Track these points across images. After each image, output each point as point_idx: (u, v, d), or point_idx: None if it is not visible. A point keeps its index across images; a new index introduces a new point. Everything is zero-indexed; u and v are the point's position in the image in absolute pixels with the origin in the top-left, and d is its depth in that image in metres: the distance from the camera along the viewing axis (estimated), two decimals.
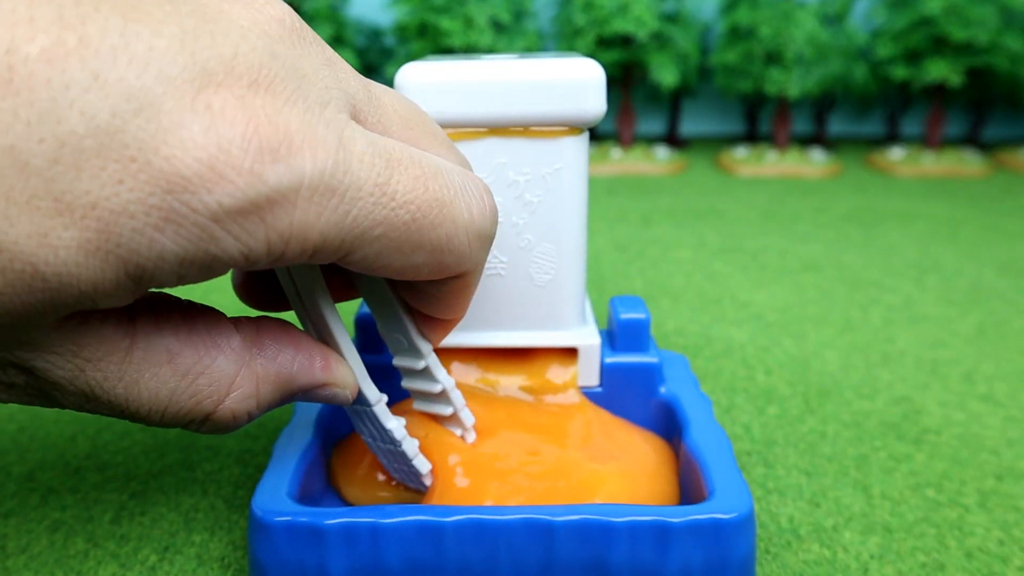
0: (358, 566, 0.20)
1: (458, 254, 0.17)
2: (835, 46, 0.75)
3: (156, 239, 0.13)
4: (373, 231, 0.15)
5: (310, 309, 0.19)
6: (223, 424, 0.17)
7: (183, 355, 0.16)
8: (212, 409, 0.16)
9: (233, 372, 0.17)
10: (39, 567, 0.23)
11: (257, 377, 0.17)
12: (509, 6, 0.77)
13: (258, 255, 0.14)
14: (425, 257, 0.16)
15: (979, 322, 0.39)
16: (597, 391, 0.26)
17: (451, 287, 0.19)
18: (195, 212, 0.13)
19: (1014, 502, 0.25)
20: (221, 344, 0.17)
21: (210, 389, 0.16)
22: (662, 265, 0.48)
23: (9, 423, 0.30)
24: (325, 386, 0.18)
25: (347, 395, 0.19)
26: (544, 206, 0.24)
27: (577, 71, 0.22)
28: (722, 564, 0.20)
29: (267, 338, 0.18)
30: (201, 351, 0.16)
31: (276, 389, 0.17)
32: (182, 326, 0.16)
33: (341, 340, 0.19)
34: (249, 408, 0.17)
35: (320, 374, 0.18)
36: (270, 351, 0.17)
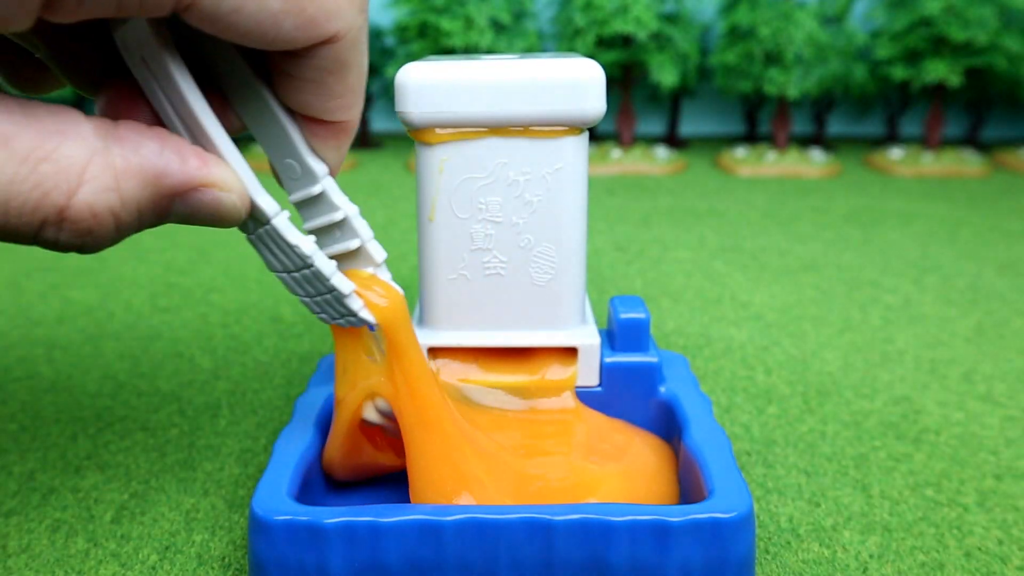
0: (358, 565, 0.20)
1: (322, 2, 0.15)
2: (835, 46, 0.75)
3: None
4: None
5: (178, 108, 0.17)
6: (83, 224, 0.15)
7: (19, 138, 0.14)
8: (64, 203, 0.14)
9: (83, 159, 0.14)
10: (40, 567, 0.23)
11: (115, 169, 0.15)
12: (509, 6, 0.77)
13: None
14: (282, 2, 0.15)
15: (978, 322, 0.39)
16: (597, 391, 0.26)
17: (325, 61, 0.17)
18: None
19: (1013, 501, 0.25)
20: (66, 130, 0.14)
21: (57, 178, 0.14)
22: (662, 265, 0.48)
23: (10, 423, 0.30)
24: (204, 187, 0.16)
25: (235, 201, 0.17)
26: (544, 206, 0.24)
27: (577, 71, 0.23)
28: (722, 563, 0.20)
29: (126, 130, 0.15)
30: (43, 135, 0.14)
31: (142, 185, 0.15)
32: (18, 110, 0.14)
33: (221, 142, 0.17)
34: (110, 203, 0.15)
35: (196, 171, 0.16)
36: (130, 142, 0.15)
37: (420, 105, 0.23)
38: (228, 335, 0.38)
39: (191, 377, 0.34)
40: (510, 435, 0.24)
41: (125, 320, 0.40)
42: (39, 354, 0.36)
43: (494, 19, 0.76)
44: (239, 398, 0.32)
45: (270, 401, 0.32)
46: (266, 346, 0.37)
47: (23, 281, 0.46)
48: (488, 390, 0.26)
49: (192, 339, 0.37)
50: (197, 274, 0.47)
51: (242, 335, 0.38)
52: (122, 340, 0.37)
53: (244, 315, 0.40)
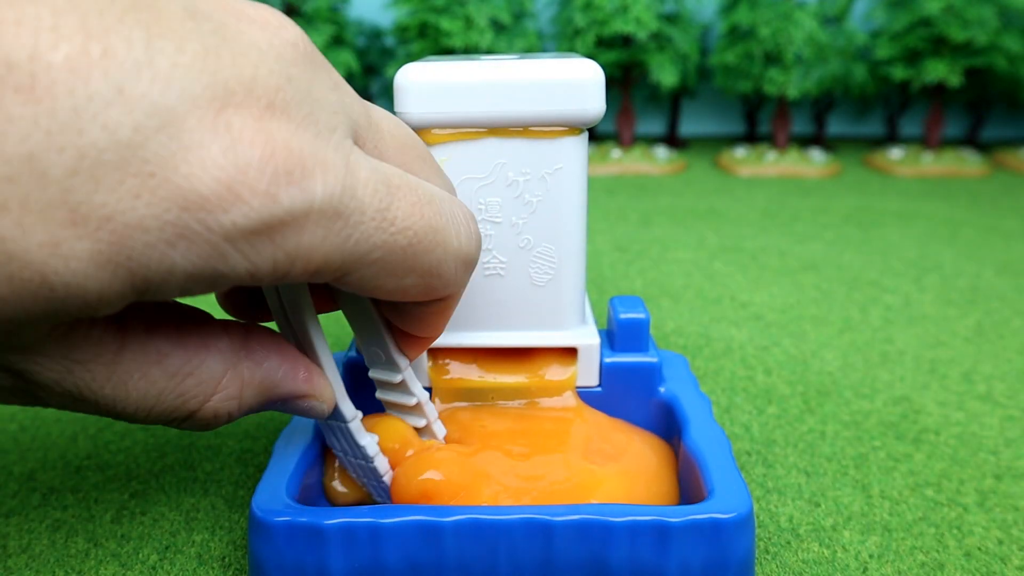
0: (358, 566, 0.20)
1: (446, 279, 0.17)
2: (834, 46, 0.75)
3: (167, 254, 0.13)
4: (372, 254, 0.15)
5: (294, 322, 0.19)
6: (203, 422, 0.17)
7: (173, 356, 0.16)
8: (197, 408, 0.17)
9: (221, 373, 0.17)
10: (40, 567, 0.23)
11: (243, 380, 0.17)
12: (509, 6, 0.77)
13: (263, 274, 0.14)
14: (415, 280, 0.17)
15: (978, 322, 0.39)
16: (596, 391, 0.26)
17: (433, 308, 0.19)
18: (209, 231, 0.13)
19: (1013, 501, 0.25)
20: (210, 346, 0.17)
21: (197, 390, 0.16)
22: (662, 265, 0.48)
23: (10, 423, 0.30)
24: (305, 397, 0.19)
25: (324, 408, 0.19)
26: (544, 206, 0.24)
27: (577, 71, 0.23)
28: (722, 564, 0.20)
29: (255, 344, 0.18)
30: (191, 352, 0.16)
31: (259, 394, 0.18)
32: (172, 328, 0.16)
33: (323, 355, 0.19)
34: (230, 409, 0.17)
35: (303, 385, 0.19)
36: (257, 356, 0.18)
37: (419, 105, 0.23)
38: None
39: None
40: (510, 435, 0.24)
41: None
42: None
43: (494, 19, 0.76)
44: None
45: None
46: None
47: None
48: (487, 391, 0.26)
49: None
50: None
51: None
52: None
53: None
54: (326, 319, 0.38)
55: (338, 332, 0.38)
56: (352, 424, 0.21)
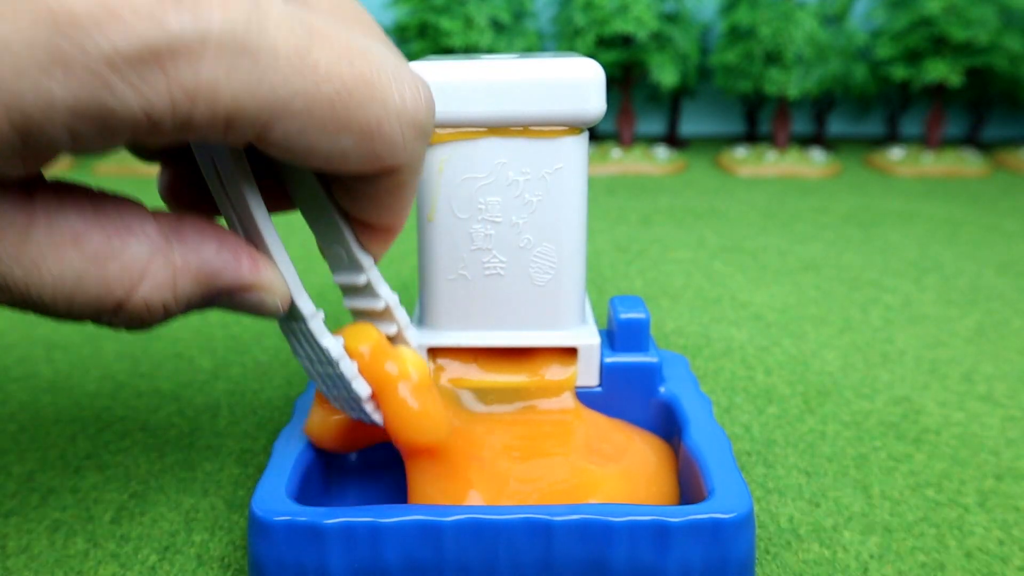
0: (358, 566, 0.20)
1: (389, 142, 0.16)
2: (835, 46, 0.75)
3: (43, 83, 0.12)
4: (293, 103, 0.14)
5: (237, 206, 0.17)
6: (136, 315, 0.15)
7: (90, 236, 0.15)
8: (123, 297, 0.15)
9: (146, 257, 0.15)
10: (39, 567, 0.23)
11: (175, 268, 0.16)
12: (509, 6, 0.77)
13: (160, 113, 0.13)
14: (353, 141, 0.15)
15: (979, 322, 0.39)
16: (597, 391, 0.26)
17: (386, 184, 0.18)
18: (87, 54, 0.12)
19: (1014, 502, 0.25)
20: (134, 228, 0.15)
21: (122, 275, 0.15)
22: (662, 265, 0.48)
23: (9, 423, 0.30)
24: (252, 288, 0.17)
25: (276, 303, 0.18)
26: (544, 206, 0.24)
27: (577, 71, 0.23)
28: (722, 564, 0.20)
29: (189, 229, 0.16)
30: (111, 233, 0.15)
31: (196, 284, 0.16)
32: (88, 207, 0.15)
33: (272, 243, 0.18)
34: (164, 300, 0.16)
35: (247, 274, 0.17)
36: (191, 242, 0.16)
37: None
38: (228, 335, 0.38)
39: (191, 377, 0.34)
40: (509, 436, 0.24)
41: None
42: (39, 354, 0.36)
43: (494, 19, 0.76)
44: (239, 398, 0.32)
45: (270, 401, 0.32)
46: (266, 346, 0.37)
47: None
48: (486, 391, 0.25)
49: (192, 339, 0.37)
50: None
51: (242, 335, 0.38)
52: (122, 340, 0.37)
53: (244, 315, 0.40)
54: None
55: None
56: (312, 323, 0.19)
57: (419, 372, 0.21)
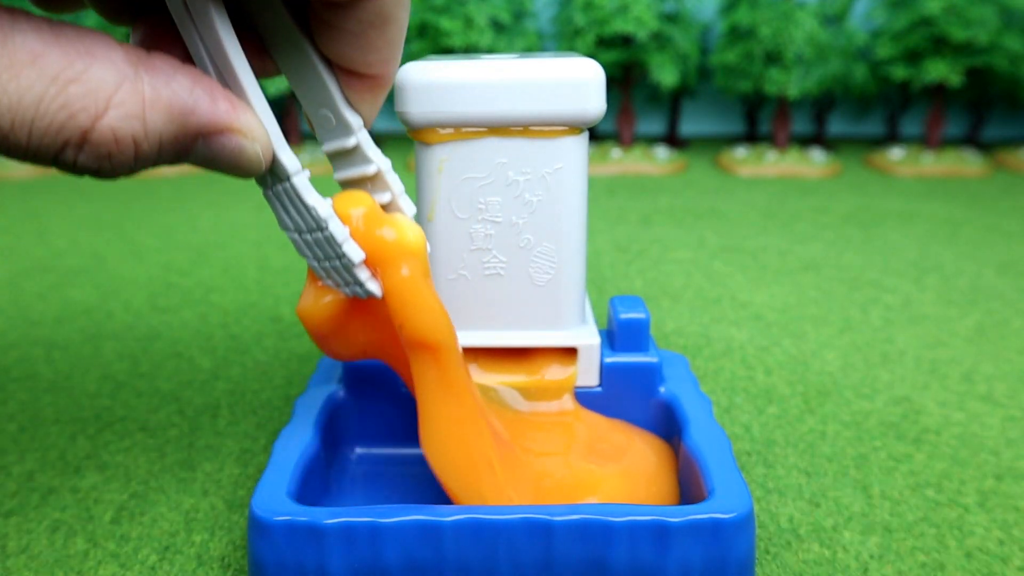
0: (357, 566, 0.20)
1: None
2: (835, 46, 0.75)
3: None
4: None
5: (214, 54, 0.16)
6: (103, 149, 0.14)
7: (48, 56, 0.14)
8: (88, 125, 0.14)
9: (113, 83, 0.14)
10: (39, 567, 0.23)
11: (143, 98, 0.15)
12: (509, 6, 0.77)
13: None
14: None
15: (979, 322, 0.39)
16: (597, 391, 0.26)
17: (368, 14, 0.17)
18: None
19: (1014, 502, 0.25)
20: (97, 53, 0.14)
21: (84, 100, 0.14)
22: (662, 265, 0.48)
23: (9, 423, 0.30)
24: (230, 132, 0.16)
25: (257, 151, 0.16)
26: (544, 206, 0.24)
27: (577, 71, 0.23)
28: (722, 564, 0.20)
29: (159, 61, 0.15)
30: (72, 56, 0.14)
31: (168, 119, 0.15)
32: (47, 29, 0.14)
33: (252, 93, 0.16)
34: (134, 131, 0.15)
35: (224, 114, 0.16)
36: (162, 75, 0.15)
37: (419, 105, 0.23)
38: (228, 335, 0.38)
39: (191, 377, 0.34)
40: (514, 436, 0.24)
41: (124, 320, 0.40)
42: (38, 354, 0.36)
43: (494, 19, 0.76)
44: (239, 398, 0.32)
45: (270, 401, 0.32)
46: (266, 346, 0.37)
47: (22, 281, 0.46)
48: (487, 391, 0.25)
49: (192, 339, 0.37)
50: (196, 274, 0.47)
51: (242, 335, 0.38)
52: (121, 340, 0.37)
53: (244, 315, 0.40)
54: None
55: None
56: (296, 179, 0.18)
57: (416, 238, 0.20)
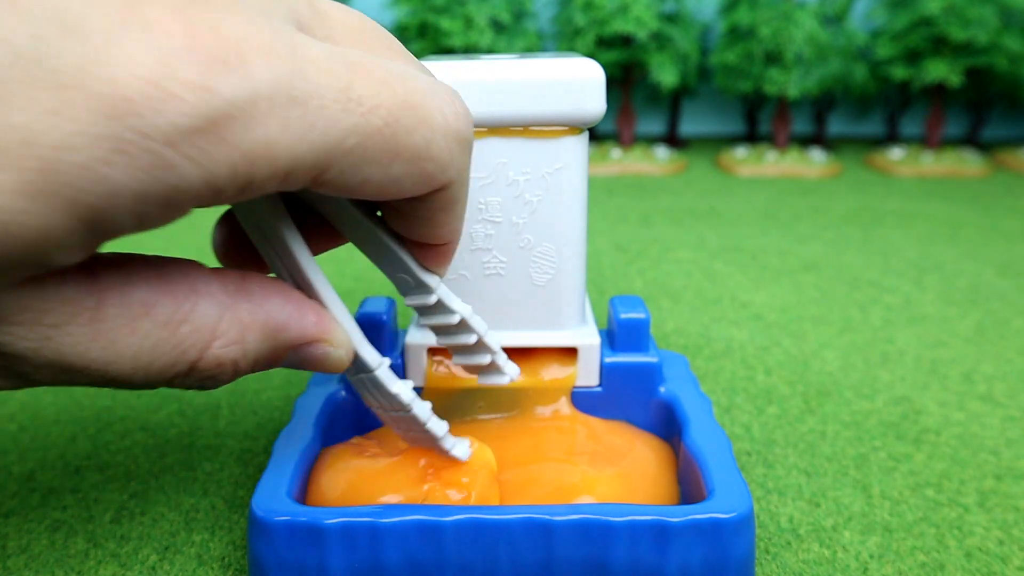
0: (358, 566, 0.20)
1: (439, 160, 0.16)
2: (835, 46, 0.75)
3: (106, 174, 0.12)
4: (345, 142, 0.14)
5: (284, 259, 0.17)
6: (208, 373, 0.16)
7: (160, 304, 0.15)
8: (196, 357, 0.15)
9: (216, 317, 0.15)
10: (39, 567, 0.23)
11: (242, 324, 0.16)
12: (509, 6, 0.77)
13: (223, 181, 0.13)
14: (405, 167, 0.15)
15: (979, 322, 0.39)
16: (597, 391, 0.26)
17: (438, 202, 0.17)
18: (146, 137, 0.12)
19: (1014, 502, 0.25)
20: (200, 289, 0.15)
21: (194, 337, 0.15)
22: (662, 265, 0.48)
23: (9, 423, 0.30)
24: (318, 342, 0.17)
25: (342, 355, 0.18)
26: (544, 206, 0.24)
27: (577, 71, 0.23)
28: (722, 564, 0.20)
29: (253, 285, 0.16)
30: (180, 298, 0.15)
31: (264, 338, 0.16)
32: (153, 276, 0.15)
33: (326, 295, 0.18)
34: (235, 356, 0.16)
35: (312, 328, 0.17)
36: (256, 298, 0.16)
37: None
38: None
39: None
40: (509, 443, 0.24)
41: None
42: None
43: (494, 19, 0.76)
44: (239, 398, 0.32)
45: (270, 401, 0.32)
46: None
47: None
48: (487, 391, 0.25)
49: None
50: None
51: None
52: None
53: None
54: None
55: None
56: (379, 372, 0.19)
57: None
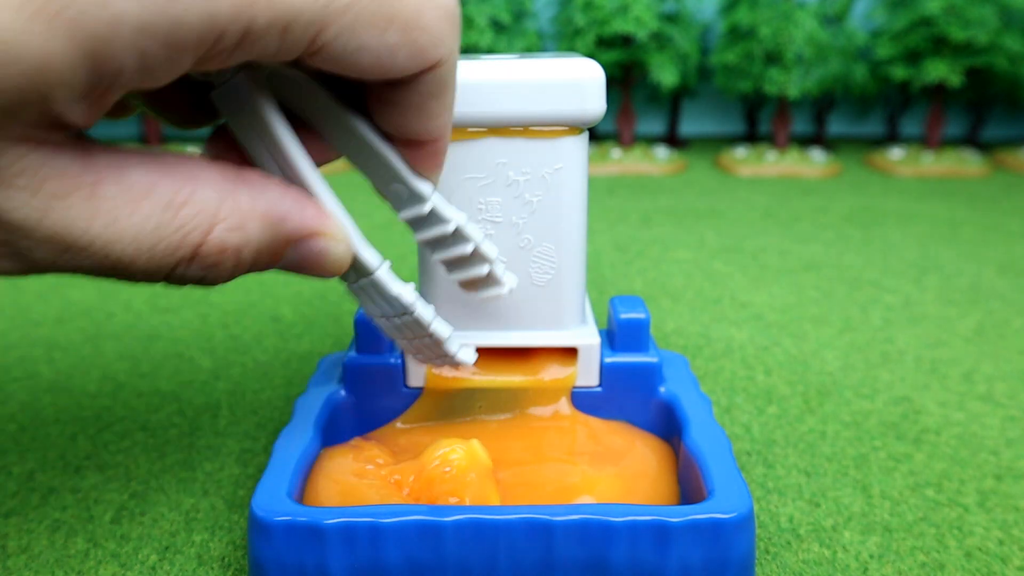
0: (358, 566, 0.20)
1: (430, 32, 0.16)
2: (835, 46, 0.75)
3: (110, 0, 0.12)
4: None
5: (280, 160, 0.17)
6: (211, 260, 0.16)
7: (161, 186, 0.15)
8: (200, 240, 0.15)
9: (217, 201, 0.15)
10: (39, 567, 0.23)
11: (243, 211, 0.16)
12: (509, 6, 0.77)
13: (223, 20, 0.13)
14: (399, 36, 0.15)
15: (979, 322, 0.39)
16: (597, 391, 0.26)
17: (428, 85, 0.17)
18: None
19: (1014, 502, 0.25)
20: (199, 175, 0.15)
21: (197, 219, 0.15)
22: (662, 265, 0.48)
23: (9, 423, 0.30)
24: (318, 235, 0.17)
25: (342, 252, 0.18)
26: (544, 206, 0.24)
27: (577, 71, 0.23)
28: (722, 564, 0.20)
29: (251, 175, 0.16)
30: (179, 181, 0.15)
31: (264, 227, 0.16)
32: (150, 160, 0.15)
33: (325, 195, 0.17)
34: (237, 243, 0.16)
35: (312, 219, 0.17)
36: (256, 186, 0.16)
37: None
38: (228, 335, 0.38)
39: (191, 377, 0.34)
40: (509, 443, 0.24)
41: (125, 320, 0.40)
42: (39, 354, 0.36)
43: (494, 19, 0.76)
44: (239, 398, 0.32)
45: (270, 401, 0.32)
46: (266, 346, 0.37)
47: (23, 281, 0.46)
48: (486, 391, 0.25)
49: (192, 339, 0.37)
50: None
51: (242, 335, 0.38)
52: (122, 340, 0.37)
53: (244, 315, 0.40)
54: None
55: (338, 334, 0.38)
56: (380, 273, 0.19)
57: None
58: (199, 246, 0.15)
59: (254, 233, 0.16)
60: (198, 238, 0.15)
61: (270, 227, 0.16)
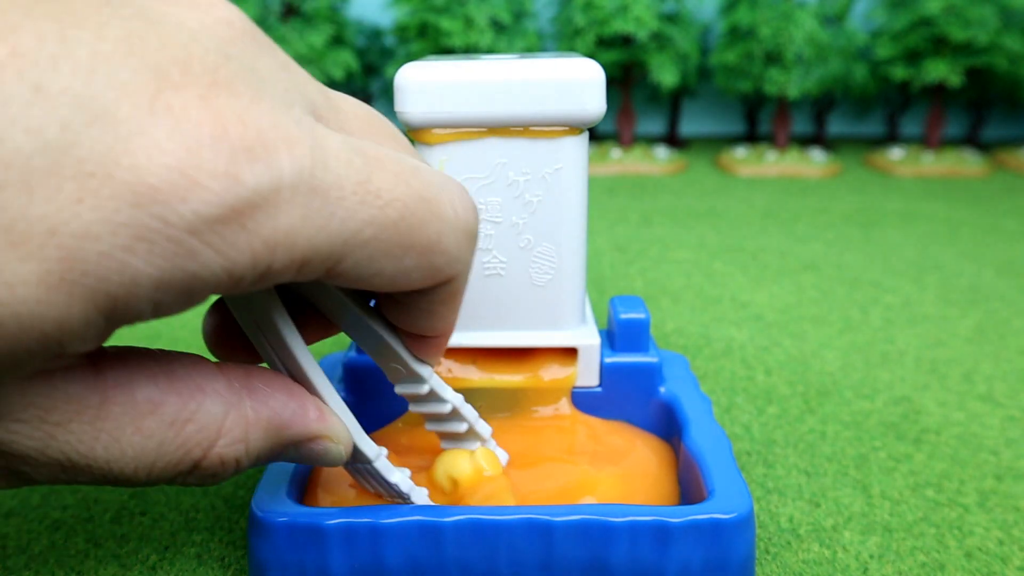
0: (358, 566, 0.20)
1: (448, 254, 0.16)
2: (835, 46, 0.75)
3: (127, 262, 0.12)
4: (362, 233, 0.14)
5: (278, 351, 0.17)
6: (210, 472, 0.16)
7: (166, 403, 0.15)
8: (201, 456, 0.15)
9: (222, 415, 0.15)
10: (39, 567, 0.23)
11: (247, 422, 0.16)
12: (509, 6, 0.77)
13: (242, 269, 0.13)
14: (416, 259, 0.15)
15: (979, 322, 0.39)
16: (597, 391, 0.26)
17: (441, 296, 0.18)
18: (169, 225, 0.12)
19: (1014, 502, 0.25)
20: (206, 388, 0.15)
21: (200, 436, 0.15)
22: (662, 265, 0.48)
23: None
24: (319, 439, 0.17)
25: (341, 451, 0.18)
26: (544, 206, 0.24)
27: (577, 71, 0.23)
28: (722, 564, 0.20)
29: (257, 382, 0.16)
30: (185, 396, 0.15)
31: (267, 436, 0.16)
32: (159, 372, 0.15)
33: (322, 387, 0.18)
34: (238, 455, 0.16)
35: (314, 424, 0.17)
36: (261, 395, 0.16)
37: (419, 105, 0.23)
38: None
39: None
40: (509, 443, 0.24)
41: None
42: None
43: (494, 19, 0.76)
44: None
45: None
46: None
47: None
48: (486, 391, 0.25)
49: (192, 339, 0.37)
50: None
51: None
52: (122, 340, 0.37)
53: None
54: None
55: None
56: (378, 463, 0.20)
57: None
58: (200, 460, 0.15)
59: (256, 443, 0.16)
60: (200, 454, 0.15)
61: (273, 434, 0.16)
